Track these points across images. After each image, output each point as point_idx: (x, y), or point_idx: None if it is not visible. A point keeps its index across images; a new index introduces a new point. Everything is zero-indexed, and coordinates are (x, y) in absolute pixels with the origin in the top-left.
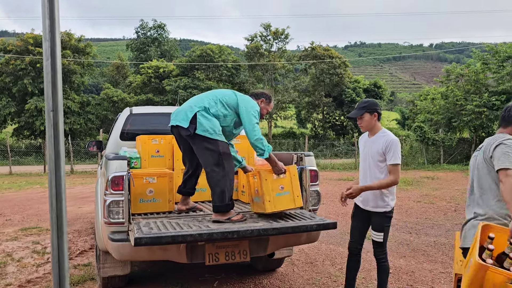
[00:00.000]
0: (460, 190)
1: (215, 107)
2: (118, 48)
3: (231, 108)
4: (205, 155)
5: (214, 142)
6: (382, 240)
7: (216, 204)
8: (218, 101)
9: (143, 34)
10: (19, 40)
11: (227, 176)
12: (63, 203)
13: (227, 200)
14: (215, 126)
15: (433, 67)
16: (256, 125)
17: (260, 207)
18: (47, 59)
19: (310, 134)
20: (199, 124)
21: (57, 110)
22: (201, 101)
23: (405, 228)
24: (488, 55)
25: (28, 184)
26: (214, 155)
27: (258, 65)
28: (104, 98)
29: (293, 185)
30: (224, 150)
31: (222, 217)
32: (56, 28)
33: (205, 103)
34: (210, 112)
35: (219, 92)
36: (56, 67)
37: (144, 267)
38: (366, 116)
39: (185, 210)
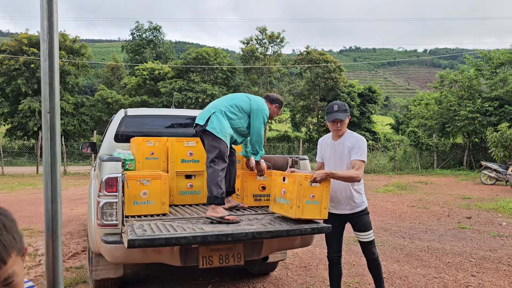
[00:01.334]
0: (453, 195)
1: (231, 110)
2: (113, 50)
3: (245, 111)
4: (208, 150)
5: (218, 140)
6: (372, 238)
7: (208, 195)
8: (234, 105)
9: (138, 35)
10: (13, 40)
11: (221, 171)
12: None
13: (214, 192)
14: (223, 128)
15: (427, 72)
16: (262, 128)
17: (285, 211)
18: (44, 60)
19: (304, 138)
20: (210, 122)
21: (54, 112)
22: (219, 105)
23: (398, 233)
24: (482, 62)
25: (21, 185)
26: (214, 151)
27: (254, 68)
28: (98, 99)
29: (323, 196)
30: (225, 150)
31: (215, 214)
32: (55, 30)
33: (222, 106)
34: (225, 114)
35: (235, 97)
36: (54, 69)
37: (138, 270)
38: (346, 120)
39: (228, 208)
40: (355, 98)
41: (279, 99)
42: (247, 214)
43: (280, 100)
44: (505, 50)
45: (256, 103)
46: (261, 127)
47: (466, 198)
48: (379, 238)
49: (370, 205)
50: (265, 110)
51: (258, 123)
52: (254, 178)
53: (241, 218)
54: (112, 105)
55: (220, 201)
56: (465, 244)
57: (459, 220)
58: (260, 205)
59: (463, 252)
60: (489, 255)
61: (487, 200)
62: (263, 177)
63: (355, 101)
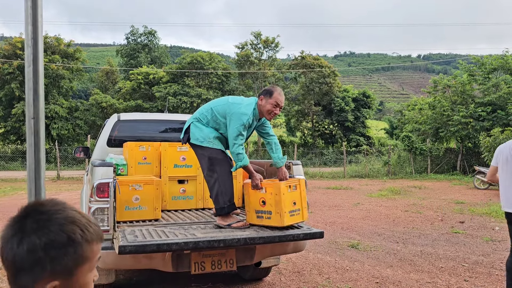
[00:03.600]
0: (447, 200)
1: (207, 117)
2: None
3: (222, 116)
4: (200, 161)
5: (204, 149)
6: None
7: (215, 207)
8: (209, 110)
9: (133, 40)
10: (7, 44)
11: (219, 180)
12: None
13: (221, 203)
14: (205, 135)
15: (421, 77)
16: (238, 138)
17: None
18: (29, 65)
19: (299, 143)
20: (192, 133)
21: (38, 118)
22: (197, 113)
23: (392, 237)
24: (474, 67)
25: (13, 190)
26: (205, 159)
27: (248, 73)
28: (93, 103)
29: (302, 199)
30: (213, 155)
31: (223, 222)
32: (39, 34)
33: (198, 114)
34: (202, 122)
35: (215, 101)
36: (38, 74)
37: (129, 276)
38: None
39: None
40: (350, 103)
41: (266, 89)
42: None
43: (265, 89)
44: (497, 56)
45: (233, 106)
46: (234, 132)
47: (460, 203)
48: (373, 243)
49: (364, 210)
50: (240, 114)
51: (231, 128)
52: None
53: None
54: (107, 110)
55: (227, 210)
56: (458, 248)
57: (452, 224)
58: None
59: (456, 257)
60: (482, 260)
61: (480, 205)
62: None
63: (350, 106)
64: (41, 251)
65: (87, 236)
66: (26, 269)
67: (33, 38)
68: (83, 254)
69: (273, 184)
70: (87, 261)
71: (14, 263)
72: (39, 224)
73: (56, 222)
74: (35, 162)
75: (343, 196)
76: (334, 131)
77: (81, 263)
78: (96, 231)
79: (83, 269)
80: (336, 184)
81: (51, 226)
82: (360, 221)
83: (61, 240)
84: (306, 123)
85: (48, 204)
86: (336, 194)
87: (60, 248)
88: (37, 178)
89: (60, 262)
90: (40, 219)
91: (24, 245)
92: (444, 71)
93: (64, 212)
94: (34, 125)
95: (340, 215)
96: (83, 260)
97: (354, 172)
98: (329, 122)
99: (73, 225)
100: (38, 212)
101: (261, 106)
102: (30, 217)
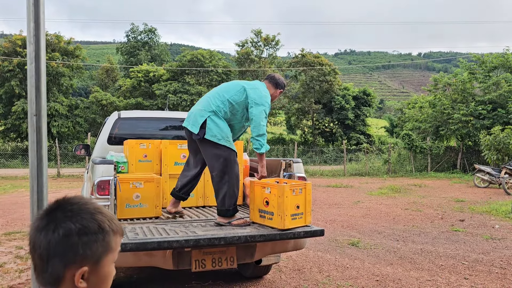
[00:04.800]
0: (447, 198)
1: (224, 109)
2: (108, 51)
3: (240, 105)
4: (212, 159)
5: (222, 148)
6: None
7: (218, 208)
8: (226, 102)
9: (133, 37)
10: (7, 42)
11: (229, 182)
12: None
13: (227, 205)
14: (224, 132)
15: (421, 76)
16: (265, 120)
17: (269, 222)
18: (31, 62)
19: (299, 141)
20: (208, 129)
21: (40, 115)
22: (210, 105)
23: (392, 235)
24: (475, 65)
25: (14, 188)
26: (220, 160)
27: (249, 71)
28: (93, 101)
29: (306, 203)
30: (230, 157)
31: (224, 220)
32: (41, 32)
33: (213, 106)
34: (220, 116)
35: (227, 90)
36: (41, 71)
37: (130, 273)
38: None
39: (173, 212)
40: (350, 101)
41: (284, 83)
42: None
43: (284, 84)
44: (498, 54)
45: (255, 92)
46: (262, 116)
47: (460, 201)
48: (373, 241)
49: (364, 208)
50: (266, 97)
51: (257, 111)
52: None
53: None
54: (107, 107)
55: (232, 213)
56: (458, 246)
57: (452, 223)
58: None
59: (456, 255)
60: (482, 258)
61: (480, 203)
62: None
63: (350, 104)
64: (76, 235)
65: (113, 226)
66: (59, 254)
67: (35, 35)
68: (109, 243)
69: (277, 185)
70: (111, 251)
71: (48, 249)
72: (73, 213)
73: (88, 211)
74: (37, 159)
75: (343, 194)
76: (334, 129)
77: (107, 252)
78: (119, 225)
79: (108, 259)
80: (336, 182)
81: (83, 214)
82: (360, 219)
83: (93, 226)
84: (307, 121)
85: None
86: (336, 192)
87: (92, 234)
88: (39, 175)
89: (91, 248)
90: (72, 209)
91: (60, 230)
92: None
93: (93, 204)
94: (36, 122)
95: (340, 213)
96: (109, 249)
97: (354, 170)
98: (329, 120)
99: (102, 215)
100: (69, 203)
101: (273, 95)
102: (62, 208)
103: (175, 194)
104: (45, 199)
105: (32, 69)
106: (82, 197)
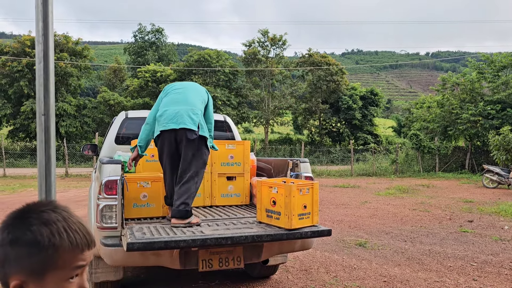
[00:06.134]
0: (455, 199)
1: (201, 109)
2: (116, 52)
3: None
4: (193, 159)
5: (206, 150)
6: None
7: (180, 208)
8: (202, 102)
9: (141, 38)
10: (16, 42)
11: (197, 184)
12: None
13: (189, 206)
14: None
15: (429, 75)
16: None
17: (276, 222)
18: (39, 62)
19: (306, 141)
20: (201, 127)
21: (48, 114)
22: (198, 105)
23: (400, 236)
24: (484, 65)
25: (22, 187)
26: (200, 161)
27: (256, 71)
28: (100, 101)
29: (313, 203)
30: (207, 159)
31: (182, 222)
32: (50, 31)
33: (200, 105)
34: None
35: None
36: (49, 71)
37: (137, 273)
38: None
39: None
40: (357, 101)
41: None
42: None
43: None
44: (507, 53)
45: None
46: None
47: (468, 202)
48: (380, 242)
49: (371, 208)
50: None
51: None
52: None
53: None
54: (114, 107)
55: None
56: (467, 248)
57: (461, 223)
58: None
59: (465, 256)
60: (491, 259)
61: (489, 204)
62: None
63: (357, 104)
64: (8, 246)
65: (57, 241)
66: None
67: (43, 35)
68: (51, 259)
69: (284, 185)
70: (56, 268)
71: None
72: (13, 221)
73: (27, 222)
74: (45, 158)
75: (351, 194)
76: (341, 129)
77: (50, 268)
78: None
79: (54, 275)
80: (344, 182)
81: (21, 224)
82: (368, 220)
83: (25, 239)
84: (313, 121)
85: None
86: (343, 192)
87: (23, 246)
88: (48, 174)
89: (24, 261)
90: (16, 217)
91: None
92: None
93: (43, 214)
94: (45, 122)
95: (347, 213)
96: (51, 265)
97: (361, 171)
98: (337, 120)
99: (44, 227)
100: (21, 211)
101: None
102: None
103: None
104: (53, 198)
105: (41, 68)
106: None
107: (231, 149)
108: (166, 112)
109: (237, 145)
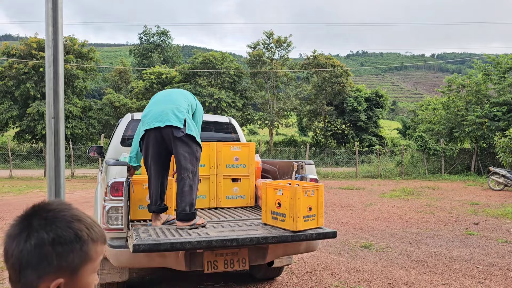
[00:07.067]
0: (461, 201)
1: (188, 110)
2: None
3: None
4: (186, 159)
5: (198, 147)
6: None
7: (186, 211)
8: (189, 104)
9: (146, 40)
10: (23, 44)
11: (196, 184)
12: None
13: (193, 208)
14: (198, 131)
15: (434, 77)
16: None
17: (282, 224)
18: (49, 66)
19: (311, 142)
20: (188, 125)
21: (58, 117)
22: (182, 104)
23: (405, 238)
24: (490, 66)
25: (28, 188)
26: (193, 159)
27: (260, 72)
28: (106, 103)
29: (318, 205)
30: (199, 157)
31: (187, 224)
32: (59, 36)
33: (186, 105)
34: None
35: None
36: (58, 74)
37: (143, 274)
38: None
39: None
40: (362, 102)
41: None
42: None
43: None
44: None
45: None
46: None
47: (474, 204)
48: (385, 244)
49: (376, 210)
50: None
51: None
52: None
53: (238, 223)
54: (120, 109)
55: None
56: (473, 250)
57: (466, 226)
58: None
59: (471, 259)
60: (497, 262)
61: (495, 206)
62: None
63: (362, 105)
64: (49, 245)
65: (92, 235)
66: (32, 265)
67: (53, 39)
68: (88, 252)
69: (290, 187)
70: (91, 261)
71: (21, 259)
72: (47, 221)
73: (64, 219)
74: (55, 160)
75: (356, 196)
76: (346, 131)
77: (86, 262)
78: (100, 232)
79: (87, 269)
80: (349, 184)
81: (58, 222)
82: (373, 222)
83: (68, 236)
84: (318, 123)
85: (55, 203)
86: (348, 194)
87: (67, 244)
88: (57, 176)
89: (66, 259)
90: (47, 216)
91: (32, 240)
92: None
93: (71, 211)
94: (54, 125)
95: (352, 216)
96: (87, 259)
97: (366, 172)
98: (341, 122)
99: (80, 223)
100: (45, 210)
101: None
102: (37, 215)
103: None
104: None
105: (51, 73)
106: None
107: (236, 151)
108: (151, 111)
109: (242, 147)
